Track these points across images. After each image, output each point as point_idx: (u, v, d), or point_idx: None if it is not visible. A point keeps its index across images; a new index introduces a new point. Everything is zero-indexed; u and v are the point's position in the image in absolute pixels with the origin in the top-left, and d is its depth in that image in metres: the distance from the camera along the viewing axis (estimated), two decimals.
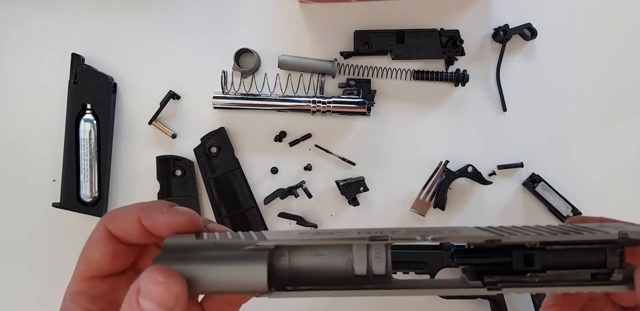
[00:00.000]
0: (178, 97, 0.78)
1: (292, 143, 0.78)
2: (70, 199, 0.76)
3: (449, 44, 0.76)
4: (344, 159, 0.78)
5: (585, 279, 0.31)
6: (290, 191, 0.76)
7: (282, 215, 0.78)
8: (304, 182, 0.77)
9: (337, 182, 0.77)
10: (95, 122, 0.76)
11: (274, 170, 0.78)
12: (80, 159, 0.76)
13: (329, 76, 0.77)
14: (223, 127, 0.78)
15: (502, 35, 0.76)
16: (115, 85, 0.78)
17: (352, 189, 0.75)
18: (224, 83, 0.75)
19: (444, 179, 0.76)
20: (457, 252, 0.32)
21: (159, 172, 0.78)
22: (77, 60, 0.76)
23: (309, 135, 0.78)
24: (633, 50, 0.78)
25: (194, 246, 0.31)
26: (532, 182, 0.77)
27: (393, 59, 0.77)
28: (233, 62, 0.76)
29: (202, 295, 0.37)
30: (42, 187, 0.78)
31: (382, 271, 0.32)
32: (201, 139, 0.78)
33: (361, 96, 0.75)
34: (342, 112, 0.75)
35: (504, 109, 0.78)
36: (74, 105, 0.76)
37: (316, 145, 0.78)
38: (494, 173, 0.78)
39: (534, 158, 0.78)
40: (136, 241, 0.35)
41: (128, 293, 0.29)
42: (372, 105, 0.76)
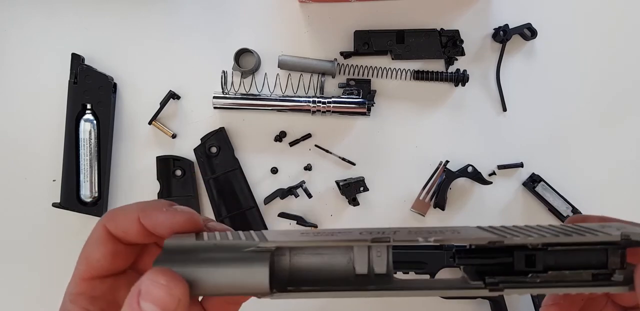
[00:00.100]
0: (178, 97, 0.78)
1: (292, 143, 0.78)
2: (70, 199, 0.76)
3: (449, 44, 0.76)
4: (344, 159, 0.78)
5: (586, 279, 0.31)
6: (290, 191, 0.76)
7: (282, 215, 0.78)
8: (304, 182, 0.77)
9: (337, 182, 0.77)
10: (95, 122, 0.76)
11: (274, 170, 0.78)
12: (80, 159, 0.76)
13: (329, 76, 0.77)
14: (223, 127, 0.78)
15: (502, 35, 0.76)
16: (115, 85, 0.78)
17: (352, 189, 0.75)
18: (224, 83, 0.75)
19: (444, 179, 0.76)
20: (458, 252, 0.33)
21: (159, 172, 0.78)
22: (77, 60, 0.76)
23: (309, 135, 0.78)
24: (633, 50, 0.78)
25: (194, 248, 0.31)
26: (532, 182, 0.77)
27: (393, 59, 0.77)
28: (233, 62, 0.76)
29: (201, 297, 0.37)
30: (42, 187, 0.78)
31: (384, 271, 0.32)
32: (201, 139, 0.78)
33: (361, 96, 0.75)
34: (342, 112, 0.75)
35: (504, 109, 0.78)
36: (74, 105, 0.76)
37: (316, 145, 0.78)
38: (494, 173, 0.78)
39: (534, 158, 0.78)
40: (136, 240, 0.35)
41: (129, 295, 0.28)
42: (372, 105, 0.76)
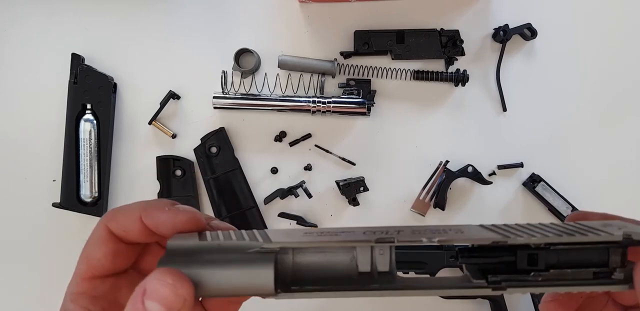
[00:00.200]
0: (178, 97, 0.78)
1: (292, 143, 0.78)
2: (70, 199, 0.76)
3: (449, 44, 0.76)
4: (344, 159, 0.78)
5: (587, 278, 0.31)
6: (290, 191, 0.76)
7: (282, 215, 0.78)
8: (304, 182, 0.77)
9: (337, 182, 0.77)
10: (95, 122, 0.76)
11: (274, 170, 0.78)
12: (80, 159, 0.76)
13: (329, 76, 0.77)
14: (223, 127, 0.78)
15: (502, 35, 0.76)
16: (115, 85, 0.78)
17: (352, 189, 0.75)
18: (224, 83, 0.75)
19: (444, 179, 0.76)
20: (461, 251, 0.33)
21: (159, 172, 0.78)
22: (77, 60, 0.76)
23: (309, 135, 0.78)
24: (633, 50, 0.78)
25: (198, 249, 0.30)
26: (532, 182, 0.77)
27: (393, 59, 0.77)
28: (233, 62, 0.76)
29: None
30: (42, 187, 0.78)
31: (386, 269, 0.32)
32: (201, 139, 0.78)
33: (361, 96, 0.75)
34: (342, 112, 0.75)
35: (504, 109, 0.78)
36: (74, 105, 0.76)
37: (316, 145, 0.78)
38: (494, 173, 0.78)
39: (534, 158, 0.78)
40: (137, 240, 0.35)
41: (133, 294, 0.28)
42: (372, 105, 0.76)
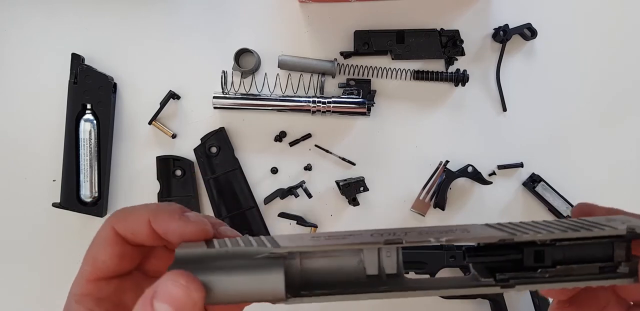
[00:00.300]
0: (178, 97, 0.78)
1: (292, 143, 0.78)
2: (70, 199, 0.76)
3: (449, 44, 0.76)
4: (344, 159, 0.78)
5: (593, 272, 0.31)
6: (290, 191, 0.76)
7: (282, 215, 0.78)
8: (304, 182, 0.77)
9: (337, 182, 0.77)
10: (95, 122, 0.76)
11: (274, 170, 0.78)
12: (80, 159, 0.76)
13: (329, 76, 0.77)
14: (223, 127, 0.78)
15: (502, 35, 0.76)
16: (115, 85, 0.78)
17: (352, 189, 0.75)
18: (224, 83, 0.75)
19: (444, 179, 0.76)
20: (468, 250, 0.33)
21: (159, 172, 0.78)
22: (77, 60, 0.76)
23: (309, 135, 0.78)
24: (633, 50, 0.78)
25: (206, 256, 0.30)
26: (532, 182, 0.77)
27: (393, 59, 0.77)
28: (233, 62, 0.76)
29: None
30: (42, 187, 0.78)
31: (394, 270, 0.32)
32: (201, 139, 0.78)
33: (361, 96, 0.75)
34: (342, 112, 0.75)
35: (504, 109, 0.78)
36: (74, 105, 0.76)
37: (316, 145, 0.78)
38: (494, 173, 0.78)
39: (534, 158, 0.78)
40: (144, 243, 0.34)
41: (143, 295, 0.28)
42: (372, 105, 0.76)
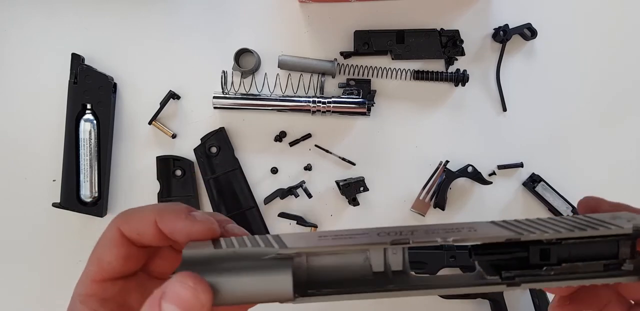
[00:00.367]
0: (178, 97, 0.78)
1: (292, 143, 0.78)
2: (70, 199, 0.76)
3: (449, 44, 0.76)
4: (344, 159, 0.78)
5: (598, 270, 0.31)
6: (290, 191, 0.76)
7: (282, 215, 0.78)
8: (304, 182, 0.77)
9: (337, 182, 0.77)
10: (95, 122, 0.76)
11: (274, 170, 0.78)
12: (80, 159, 0.76)
13: (329, 76, 0.77)
14: (223, 127, 0.78)
15: (502, 35, 0.76)
16: (115, 85, 0.78)
17: (352, 189, 0.75)
18: (224, 83, 0.75)
19: (444, 179, 0.76)
20: (474, 248, 0.33)
21: (159, 172, 0.78)
22: (77, 60, 0.76)
23: (309, 135, 0.78)
24: (633, 50, 0.78)
25: (214, 257, 0.30)
26: (532, 182, 0.77)
27: (393, 59, 0.77)
28: (233, 62, 0.76)
29: None
30: (42, 187, 0.78)
31: (400, 268, 0.32)
32: (201, 139, 0.78)
33: (361, 96, 0.75)
34: (342, 112, 0.75)
35: (504, 109, 0.78)
36: (74, 105, 0.76)
37: (316, 145, 0.78)
38: (494, 173, 0.78)
39: (534, 158, 0.78)
40: (150, 243, 0.34)
41: (151, 296, 0.28)
42: (372, 105, 0.76)
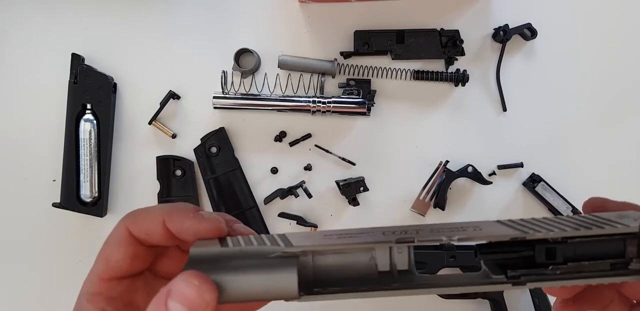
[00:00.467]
0: (178, 97, 0.78)
1: (292, 143, 0.78)
2: (70, 199, 0.76)
3: (449, 44, 0.76)
4: (344, 159, 0.78)
5: (605, 269, 0.31)
6: (290, 191, 0.76)
7: (282, 215, 0.78)
8: (304, 182, 0.77)
9: (337, 182, 0.77)
10: (95, 122, 0.76)
11: (274, 170, 0.78)
12: (80, 159, 0.76)
13: (329, 76, 0.77)
14: (223, 127, 0.78)
15: (502, 35, 0.76)
16: (115, 85, 0.78)
17: (352, 189, 0.75)
18: (224, 83, 0.75)
19: (444, 179, 0.76)
20: (480, 247, 0.33)
21: (159, 172, 0.78)
22: (77, 60, 0.76)
23: (309, 135, 0.78)
24: (633, 50, 0.78)
25: (221, 255, 0.31)
26: (532, 182, 0.77)
27: (393, 59, 0.77)
28: (233, 62, 0.76)
29: None
30: (42, 187, 0.78)
31: (406, 267, 0.32)
32: (201, 139, 0.78)
33: (361, 96, 0.75)
34: (342, 112, 0.75)
35: (504, 109, 0.78)
36: (74, 105, 0.76)
37: (316, 145, 0.78)
38: (494, 173, 0.78)
39: (534, 158, 0.78)
40: (158, 243, 0.35)
41: (157, 295, 0.28)
42: (372, 105, 0.76)
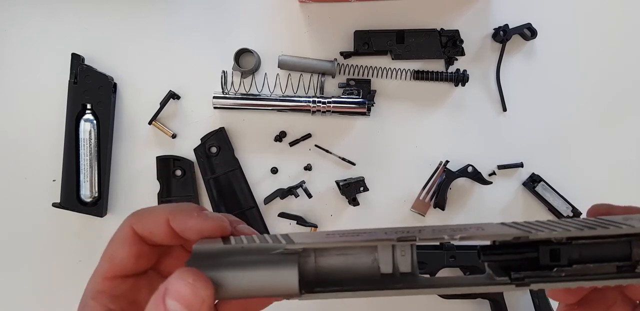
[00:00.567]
0: (178, 97, 0.78)
1: (292, 143, 0.78)
2: (70, 199, 0.76)
3: (449, 44, 0.76)
4: (344, 159, 0.78)
5: (611, 272, 0.31)
6: (290, 191, 0.76)
7: (282, 215, 0.78)
8: (304, 182, 0.77)
9: (337, 182, 0.77)
10: (95, 122, 0.76)
11: (274, 170, 0.78)
12: (80, 159, 0.76)
13: (329, 76, 0.77)
14: (223, 127, 0.78)
15: (502, 35, 0.76)
16: (115, 85, 0.78)
17: (352, 189, 0.75)
18: (224, 83, 0.75)
19: (444, 179, 0.76)
20: (483, 249, 0.32)
21: (159, 172, 0.78)
22: (77, 60, 0.76)
23: (309, 135, 0.78)
24: (633, 50, 0.78)
25: (222, 252, 0.31)
26: (532, 182, 0.77)
27: (393, 59, 0.77)
28: (233, 62, 0.76)
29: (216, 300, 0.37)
30: (42, 187, 0.78)
31: (409, 270, 0.32)
32: (201, 139, 0.78)
33: (361, 96, 0.75)
34: (342, 112, 0.75)
35: (504, 109, 0.78)
36: (74, 105, 0.76)
37: (316, 145, 0.78)
38: (494, 173, 0.78)
39: (534, 158, 0.78)
40: (162, 242, 0.35)
41: (156, 292, 0.29)
42: (372, 105, 0.76)
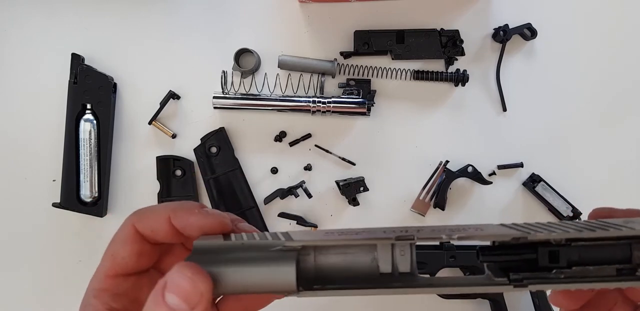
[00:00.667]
0: (178, 97, 0.78)
1: (292, 143, 0.78)
2: (70, 199, 0.76)
3: (449, 44, 0.76)
4: (344, 159, 0.78)
5: (611, 274, 0.31)
6: (290, 191, 0.76)
7: (282, 215, 0.78)
8: (304, 182, 0.77)
9: (337, 182, 0.77)
10: (95, 122, 0.76)
11: (274, 170, 0.78)
12: (80, 159, 0.76)
13: (329, 76, 0.77)
14: (223, 127, 0.78)
15: (502, 35, 0.76)
16: (115, 85, 0.78)
17: (352, 189, 0.75)
18: (224, 83, 0.75)
19: (444, 179, 0.76)
20: (482, 250, 0.32)
21: (159, 172, 0.78)
22: (77, 60, 0.76)
23: (309, 135, 0.78)
24: (633, 50, 0.78)
25: (223, 248, 0.31)
26: (532, 182, 0.77)
27: (393, 59, 0.77)
28: (233, 62, 0.76)
29: (218, 298, 0.37)
30: (42, 187, 0.78)
31: (407, 269, 0.32)
32: (201, 139, 0.78)
33: (361, 96, 0.75)
34: (342, 112, 0.75)
35: (504, 109, 0.78)
36: (74, 105, 0.76)
37: (316, 145, 0.78)
38: (494, 173, 0.78)
39: (534, 158, 0.78)
40: (164, 240, 0.36)
41: (155, 287, 0.29)
42: (372, 105, 0.76)
